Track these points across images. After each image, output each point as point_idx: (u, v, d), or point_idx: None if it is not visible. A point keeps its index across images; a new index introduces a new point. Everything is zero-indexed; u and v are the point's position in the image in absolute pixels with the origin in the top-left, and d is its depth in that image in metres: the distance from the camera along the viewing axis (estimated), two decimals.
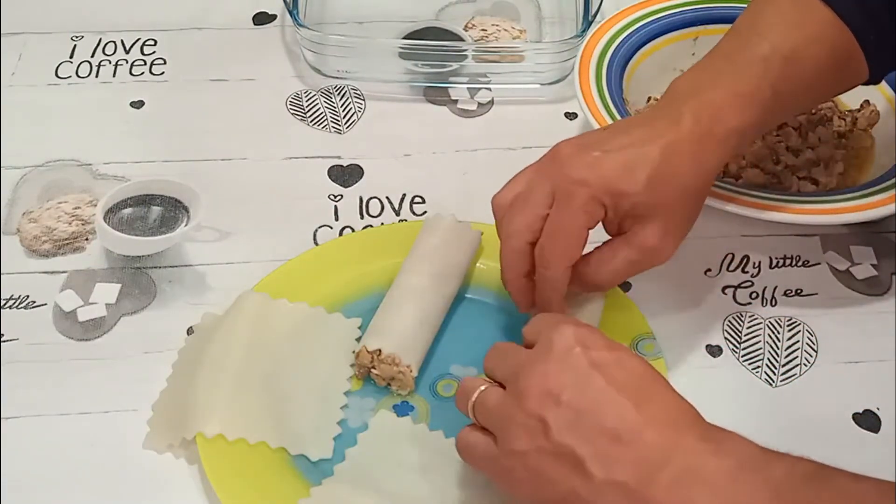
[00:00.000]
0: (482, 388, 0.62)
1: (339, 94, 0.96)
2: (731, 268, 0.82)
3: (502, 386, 0.62)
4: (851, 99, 0.93)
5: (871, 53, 0.73)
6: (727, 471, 0.55)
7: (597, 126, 0.83)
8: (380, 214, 0.86)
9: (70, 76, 0.97)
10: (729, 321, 0.79)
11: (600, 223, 0.69)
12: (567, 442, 0.57)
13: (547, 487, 0.58)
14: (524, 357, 0.61)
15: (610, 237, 0.71)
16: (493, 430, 0.61)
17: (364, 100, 0.96)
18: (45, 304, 0.79)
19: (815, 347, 0.77)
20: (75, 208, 0.85)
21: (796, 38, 0.71)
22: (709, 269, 0.82)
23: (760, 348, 0.77)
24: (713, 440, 0.57)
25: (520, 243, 0.69)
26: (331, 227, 0.85)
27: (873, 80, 0.76)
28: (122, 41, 1.01)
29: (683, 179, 0.68)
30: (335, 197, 0.87)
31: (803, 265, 0.82)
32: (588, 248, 0.70)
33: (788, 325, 0.78)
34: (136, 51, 1.00)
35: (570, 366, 0.59)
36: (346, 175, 0.89)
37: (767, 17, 0.72)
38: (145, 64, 0.99)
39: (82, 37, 1.01)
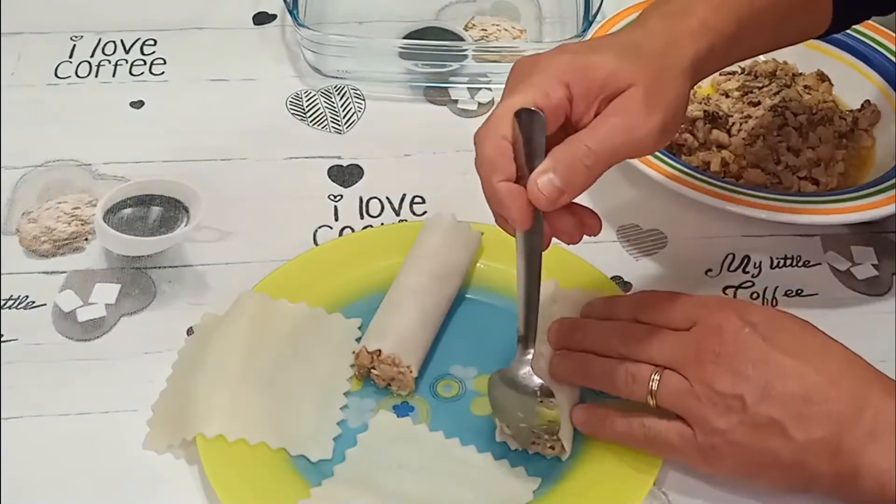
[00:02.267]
0: (656, 374, 0.65)
1: (339, 94, 0.96)
2: (732, 268, 0.82)
3: (665, 368, 0.65)
4: (851, 99, 0.93)
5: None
6: None
7: None
8: (380, 214, 0.86)
9: (70, 76, 0.97)
10: None
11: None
12: (765, 411, 0.61)
13: (751, 457, 0.62)
14: (694, 343, 0.64)
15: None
16: (685, 414, 0.64)
17: (364, 100, 0.96)
18: (45, 305, 0.79)
19: None
20: (75, 208, 0.85)
21: None
22: (709, 269, 0.82)
23: None
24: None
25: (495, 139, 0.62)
26: (331, 227, 0.85)
27: (834, 28, 0.76)
28: (121, 41, 1.01)
29: (657, 52, 0.63)
30: (335, 197, 0.87)
31: (804, 265, 0.82)
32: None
33: None
34: (135, 51, 1.00)
35: (747, 346, 0.63)
36: (346, 175, 0.89)
37: None
38: (145, 64, 0.99)
39: (82, 37, 1.01)
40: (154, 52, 1.00)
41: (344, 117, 0.94)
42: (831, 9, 0.74)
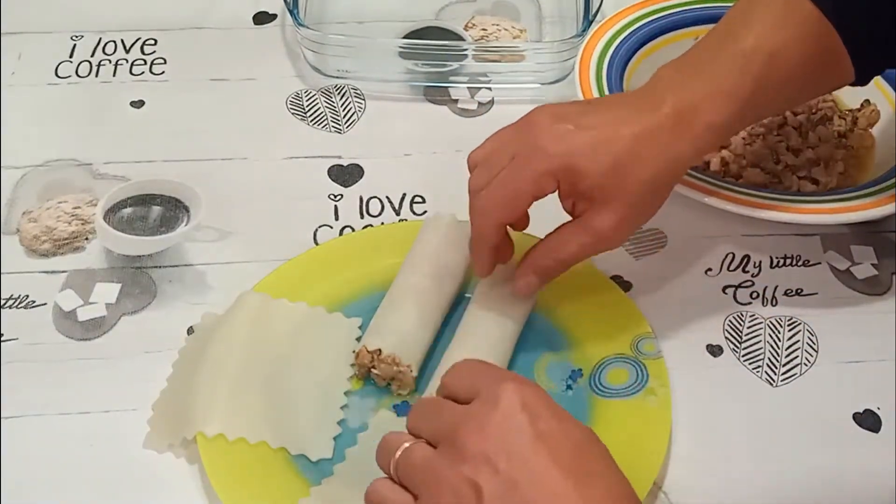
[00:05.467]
0: (407, 444, 0.57)
1: (339, 93, 0.96)
2: (732, 267, 0.82)
3: (430, 445, 0.57)
4: (851, 99, 0.93)
5: (858, 55, 0.71)
6: None
7: None
8: (380, 214, 0.86)
9: (70, 76, 0.97)
10: (729, 321, 0.79)
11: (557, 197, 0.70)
12: None
13: None
14: (461, 413, 0.56)
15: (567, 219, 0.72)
16: (416, 489, 0.56)
17: (364, 99, 0.96)
18: (45, 304, 0.79)
19: (815, 347, 0.77)
20: (75, 208, 0.85)
21: (782, 36, 0.70)
22: (709, 269, 0.82)
23: (761, 348, 0.77)
24: None
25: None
26: (331, 227, 0.85)
27: (860, 82, 0.74)
28: (122, 41, 1.01)
29: (650, 170, 0.68)
30: (335, 197, 0.87)
31: (804, 265, 0.82)
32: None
33: (789, 325, 0.78)
34: (136, 50, 1.00)
35: (514, 432, 0.54)
36: (346, 175, 0.89)
37: (755, 12, 0.71)
38: (145, 63, 0.99)
39: (82, 36, 1.01)
40: (154, 52, 1.00)
41: (344, 117, 0.94)
42: (852, 70, 0.72)
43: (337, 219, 0.85)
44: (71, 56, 0.99)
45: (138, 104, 0.95)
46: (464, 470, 0.53)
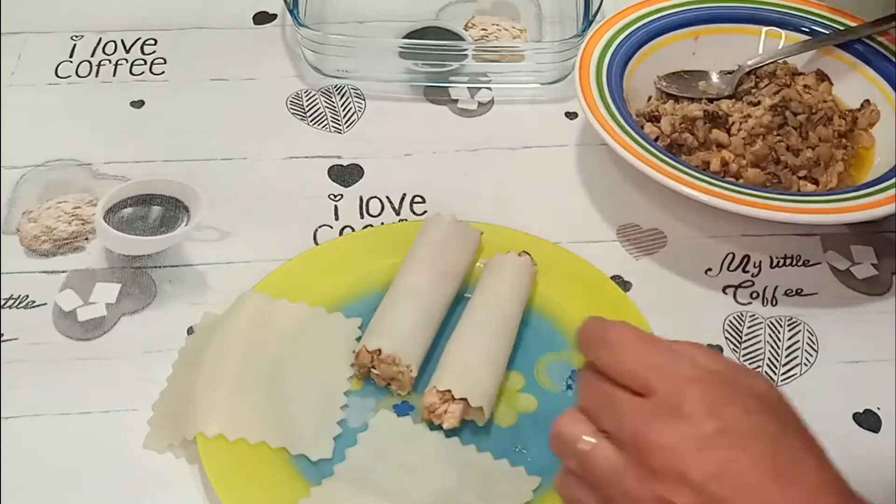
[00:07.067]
0: (591, 440, 0.53)
1: (339, 93, 0.96)
2: (732, 267, 0.82)
3: (604, 433, 0.53)
4: (851, 99, 0.93)
5: None
6: None
7: (596, 125, 0.83)
8: (380, 214, 0.86)
9: (70, 76, 0.97)
10: (729, 321, 0.79)
11: None
12: None
13: None
14: (641, 415, 0.52)
15: None
16: (601, 494, 0.53)
17: (364, 99, 0.96)
18: (45, 304, 0.79)
19: (815, 347, 0.77)
20: (75, 208, 0.85)
21: None
22: (709, 269, 0.82)
23: (761, 348, 0.77)
24: None
25: None
26: (331, 227, 0.85)
27: None
28: (122, 41, 1.01)
29: None
30: (335, 197, 0.87)
31: (804, 265, 0.82)
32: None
33: (789, 325, 0.78)
34: (136, 50, 1.00)
35: (706, 443, 0.50)
36: (346, 175, 0.89)
37: None
38: (145, 63, 0.99)
39: (82, 36, 1.01)
40: (154, 52, 1.00)
41: (344, 117, 0.94)
42: None
43: (337, 219, 0.85)
44: (71, 56, 0.99)
45: (138, 104, 0.95)
46: (656, 488, 0.50)
